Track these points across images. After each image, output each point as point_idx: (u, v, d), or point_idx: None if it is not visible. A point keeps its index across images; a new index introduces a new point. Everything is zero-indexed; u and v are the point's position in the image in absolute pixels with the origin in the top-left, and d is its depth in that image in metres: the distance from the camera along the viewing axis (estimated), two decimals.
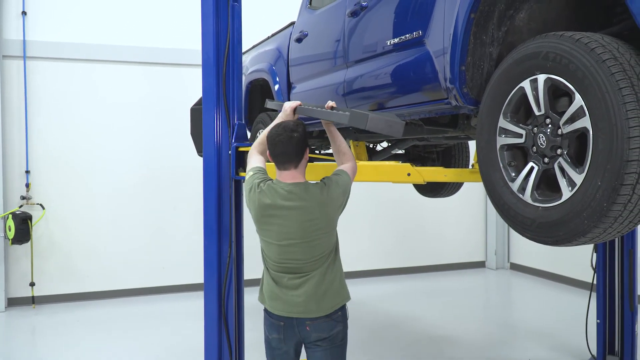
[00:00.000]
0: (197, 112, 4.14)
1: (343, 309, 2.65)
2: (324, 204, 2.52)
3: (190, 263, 6.81)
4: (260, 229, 2.64)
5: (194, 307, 5.80)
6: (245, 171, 3.42)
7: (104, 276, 6.75)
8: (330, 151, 4.91)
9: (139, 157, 6.88)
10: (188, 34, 6.48)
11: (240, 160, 3.45)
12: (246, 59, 4.94)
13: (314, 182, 2.65)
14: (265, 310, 2.70)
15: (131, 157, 6.85)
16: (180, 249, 6.95)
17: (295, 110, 2.86)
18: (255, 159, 2.80)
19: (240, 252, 3.47)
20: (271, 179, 2.64)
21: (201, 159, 3.53)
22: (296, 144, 2.54)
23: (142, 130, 6.87)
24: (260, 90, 4.87)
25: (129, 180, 6.84)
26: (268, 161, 2.78)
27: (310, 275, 2.56)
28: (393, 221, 8.06)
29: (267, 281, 2.69)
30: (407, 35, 2.63)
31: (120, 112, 6.80)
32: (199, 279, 3.81)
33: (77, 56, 6.61)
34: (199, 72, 3.60)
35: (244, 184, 2.75)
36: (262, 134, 2.82)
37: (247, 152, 3.33)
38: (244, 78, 4.78)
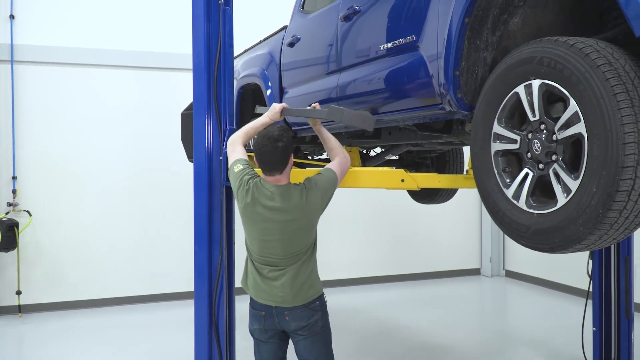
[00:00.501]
0: (187, 117, 4.12)
1: (320, 299, 2.86)
2: (303, 206, 2.71)
3: (180, 271, 6.78)
4: (245, 223, 2.84)
5: (184, 315, 5.77)
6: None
7: (92, 284, 6.70)
8: (322, 157, 4.91)
9: (128, 162, 6.85)
10: (179, 38, 6.48)
11: None
12: (238, 64, 4.94)
13: (297, 183, 2.81)
14: (250, 301, 2.91)
15: (120, 163, 6.82)
16: (171, 256, 6.92)
17: (282, 112, 3.03)
18: (239, 150, 2.96)
19: (232, 259, 3.46)
20: (259, 177, 2.82)
21: (192, 164, 3.52)
22: (281, 153, 2.72)
23: (131, 136, 6.85)
24: (252, 95, 4.86)
25: (118, 186, 6.80)
26: (249, 151, 3.00)
27: (288, 269, 2.77)
28: (386, 228, 8.06)
29: (250, 270, 2.90)
30: (401, 39, 2.64)
31: (110, 117, 6.78)
32: (190, 287, 3.79)
33: (67, 60, 6.59)
34: (189, 76, 3.59)
35: (230, 175, 2.90)
36: (247, 126, 3.04)
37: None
38: (235, 83, 4.78)
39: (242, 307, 3.52)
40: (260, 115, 3.21)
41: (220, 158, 3.38)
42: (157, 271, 6.94)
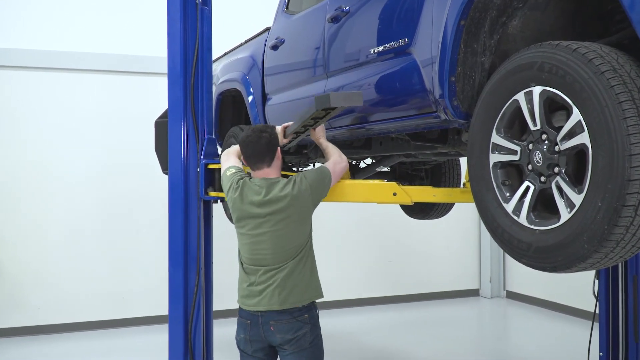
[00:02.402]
0: (162, 125, 4.11)
1: (310, 310, 2.90)
2: (290, 197, 2.83)
3: (153, 293, 6.70)
4: (236, 224, 2.98)
5: (158, 341, 5.70)
6: (214, 190, 3.41)
7: (57, 308, 6.61)
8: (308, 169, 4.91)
9: (96, 175, 6.79)
10: (153, 40, 6.46)
11: (210, 179, 3.43)
12: (217, 68, 4.94)
13: (287, 178, 2.96)
14: (239, 309, 3.00)
15: (88, 175, 6.76)
16: (143, 278, 6.85)
17: (285, 133, 3.18)
18: (234, 160, 3.16)
19: (210, 280, 3.43)
20: (248, 176, 3.01)
21: (166, 177, 3.50)
22: (266, 144, 2.92)
23: (100, 146, 6.80)
24: (232, 101, 4.86)
25: (85, 201, 6.73)
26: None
27: (280, 268, 2.85)
28: (377, 245, 8.05)
29: (242, 279, 2.99)
30: (392, 43, 2.65)
31: (77, 126, 6.72)
32: (164, 310, 3.75)
33: (28, 64, 6.54)
34: (164, 81, 3.59)
35: (223, 179, 3.07)
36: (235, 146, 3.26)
37: (216, 169, 3.33)
38: (214, 88, 4.78)
39: (221, 333, 3.49)
40: (242, 124, 3.29)
41: (198, 170, 3.37)
42: (128, 293, 6.86)
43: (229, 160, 3.16)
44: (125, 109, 6.87)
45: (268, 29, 4.26)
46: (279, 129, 3.15)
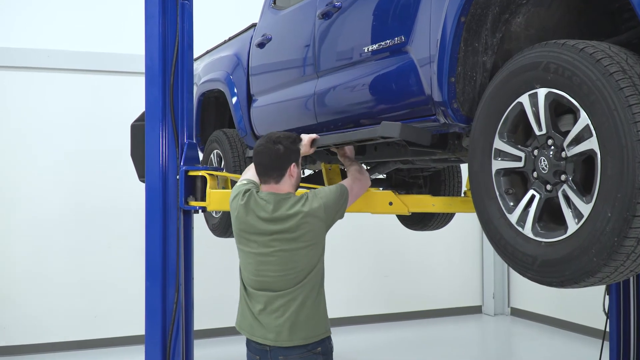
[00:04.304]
0: (138, 129, 4.11)
1: (324, 343, 2.83)
2: (300, 216, 2.74)
3: (129, 311, 6.66)
4: (238, 239, 2.90)
5: None
6: (195, 199, 3.41)
7: (24, 327, 6.55)
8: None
9: (66, 182, 6.74)
10: (129, 37, 6.45)
11: (191, 187, 3.43)
12: (198, 67, 4.95)
13: (298, 195, 2.87)
14: (246, 341, 2.91)
15: (57, 183, 6.71)
16: (117, 294, 6.80)
17: (312, 143, 3.10)
18: (251, 173, 3.07)
19: (190, 297, 3.43)
20: (257, 189, 2.92)
21: (143, 185, 3.49)
22: (275, 158, 2.81)
23: (71, 151, 6.76)
24: (214, 103, 4.87)
25: (52, 212, 6.68)
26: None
27: (290, 297, 2.76)
28: (372, 258, 8.05)
29: (245, 305, 2.89)
30: (388, 41, 2.67)
31: (44, 129, 6.67)
32: (140, 330, 3.73)
33: None
34: (142, 81, 3.59)
35: (233, 188, 2.99)
36: None
37: (197, 176, 3.33)
38: (195, 89, 4.78)
39: (202, 354, 3.48)
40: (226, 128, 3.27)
41: (177, 177, 3.37)
42: (101, 312, 6.81)
43: (247, 172, 3.13)
44: (99, 111, 6.84)
45: (254, 25, 4.27)
46: (306, 139, 3.08)
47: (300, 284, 2.78)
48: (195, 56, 3.95)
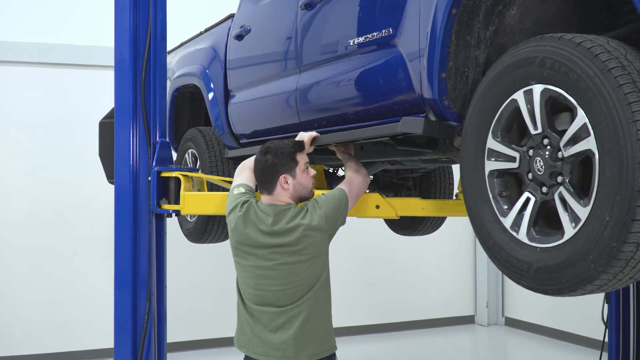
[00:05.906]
0: (107, 126, 4.09)
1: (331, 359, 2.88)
2: (300, 229, 2.77)
3: (97, 322, 6.62)
4: (235, 252, 2.92)
5: None
6: (169, 202, 3.40)
7: None
8: None
9: (27, 184, 6.68)
10: (98, 28, 6.41)
11: (163, 189, 3.41)
12: (172, 60, 4.93)
13: (299, 206, 2.90)
14: (244, 358, 2.92)
15: (18, 185, 6.66)
16: (84, 305, 6.76)
17: (313, 141, 3.09)
18: (247, 175, 3.10)
19: (162, 308, 3.42)
20: (256, 199, 2.96)
21: (112, 186, 3.48)
22: (263, 169, 2.89)
23: (32, 150, 6.70)
24: (189, 99, 4.85)
25: (15, 216, 6.62)
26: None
27: (294, 312, 2.78)
28: (358, 266, 8.06)
29: (245, 322, 2.90)
30: (375, 33, 2.68)
31: (3, 127, 6.62)
32: (109, 342, 3.71)
33: None
34: (111, 75, 3.57)
35: (229, 197, 3.01)
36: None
37: (171, 177, 3.32)
38: (169, 84, 4.76)
39: None
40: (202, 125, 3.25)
41: (149, 179, 3.36)
42: (67, 323, 6.76)
43: (242, 175, 3.13)
44: (65, 106, 6.78)
45: (232, 15, 4.26)
46: (306, 137, 3.08)
47: (303, 298, 2.81)
48: (168, 49, 3.94)
